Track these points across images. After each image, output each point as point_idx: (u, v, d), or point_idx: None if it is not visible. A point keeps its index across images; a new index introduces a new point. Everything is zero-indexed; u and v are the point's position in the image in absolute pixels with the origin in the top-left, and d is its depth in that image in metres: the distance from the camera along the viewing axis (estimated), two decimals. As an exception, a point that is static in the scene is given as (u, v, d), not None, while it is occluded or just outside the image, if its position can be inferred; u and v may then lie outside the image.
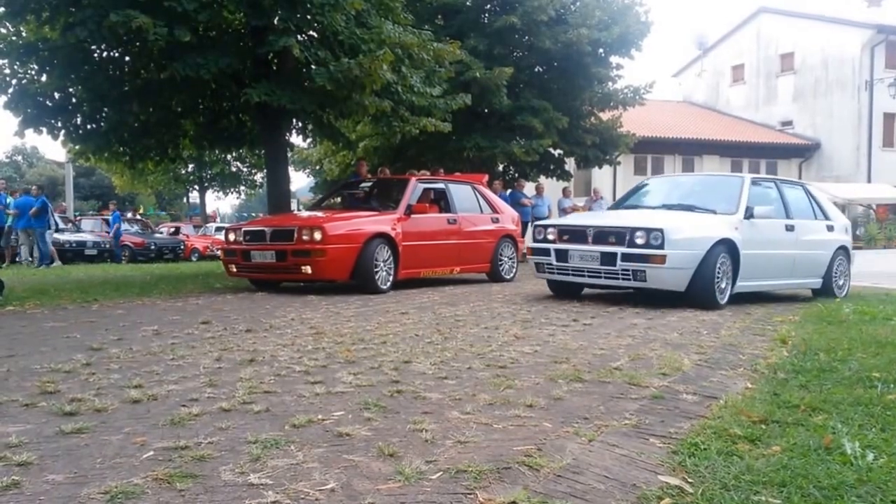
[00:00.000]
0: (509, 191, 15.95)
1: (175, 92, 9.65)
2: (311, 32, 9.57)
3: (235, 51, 9.16)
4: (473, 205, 9.74)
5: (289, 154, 13.12)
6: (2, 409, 2.67)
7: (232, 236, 8.32)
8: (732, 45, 33.66)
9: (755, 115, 32.20)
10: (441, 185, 9.56)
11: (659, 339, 4.68)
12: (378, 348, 4.13)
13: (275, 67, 9.84)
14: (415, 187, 8.82)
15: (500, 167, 17.66)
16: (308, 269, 7.44)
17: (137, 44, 8.90)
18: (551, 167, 18.13)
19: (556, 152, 17.87)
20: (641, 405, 2.88)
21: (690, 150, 28.18)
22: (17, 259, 16.34)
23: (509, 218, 10.33)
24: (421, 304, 6.69)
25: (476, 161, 15.71)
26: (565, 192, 16.58)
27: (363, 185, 10.20)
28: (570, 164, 19.05)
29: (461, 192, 9.67)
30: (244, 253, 7.93)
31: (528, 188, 16.80)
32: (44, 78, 9.66)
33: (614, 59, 17.50)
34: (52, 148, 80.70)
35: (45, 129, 9.95)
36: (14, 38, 9.55)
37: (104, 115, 10.13)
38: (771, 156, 29.53)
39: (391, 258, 8.00)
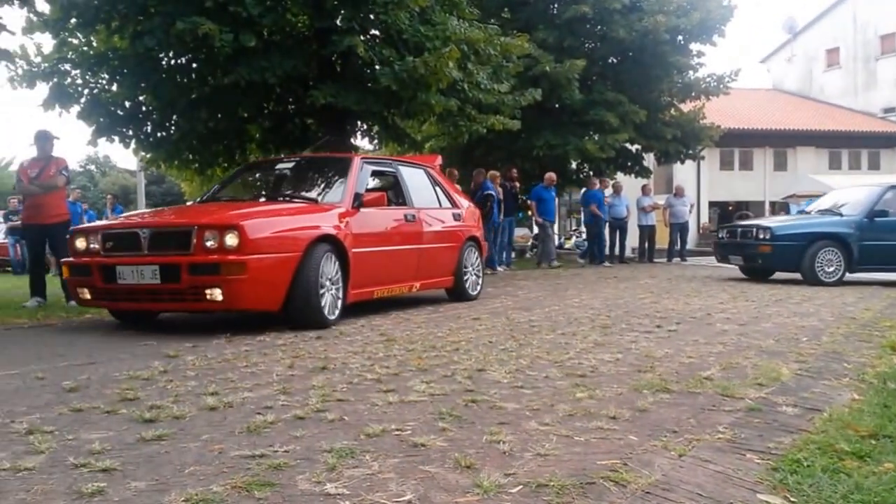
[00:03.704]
0: (583, 189, 15.69)
1: (241, 97, 9.83)
2: (374, 32, 9.61)
3: (300, 53, 9.26)
4: (430, 195, 7.42)
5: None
6: (84, 416, 2.72)
7: (83, 243, 5.43)
8: (826, 27, 32.05)
9: (853, 103, 30.63)
10: (390, 168, 7.15)
11: (753, 346, 4.45)
12: (450, 356, 4.07)
13: (339, 69, 9.92)
14: (360, 168, 6.39)
15: (574, 165, 17.39)
16: (217, 295, 4.85)
17: (204, 50, 9.10)
18: (629, 164, 17.75)
19: (634, 148, 17.49)
20: (736, 418, 2.71)
21: (782, 142, 27.17)
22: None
23: (471, 214, 8.15)
24: (493, 310, 6.61)
25: (547, 159, 15.51)
26: (645, 189, 16.16)
27: (279, 165, 7.53)
28: (649, 160, 18.61)
29: (415, 179, 7.32)
30: (104, 269, 5.18)
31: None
32: (115, 87, 10.04)
33: (695, 47, 16.99)
34: (123, 156, 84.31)
35: (116, 138, 10.36)
36: (85, 48, 9.92)
37: (174, 122, 10.45)
38: (873, 145, 28.13)
39: (339, 273, 5.58)
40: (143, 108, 10.38)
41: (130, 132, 10.45)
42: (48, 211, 6.98)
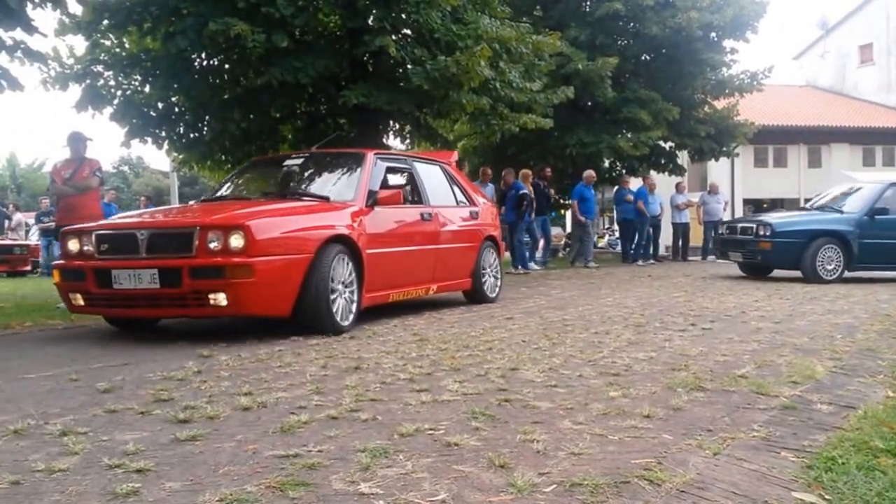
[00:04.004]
0: (616, 188, 15.59)
1: (273, 97, 9.86)
2: (406, 31, 9.61)
3: (332, 53, 9.28)
4: (446, 193, 7.10)
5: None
6: (119, 417, 2.74)
7: (76, 244, 5.05)
8: (859, 23, 31.46)
9: (887, 99, 30.04)
10: (405, 164, 6.78)
11: (788, 344, 4.40)
12: (483, 355, 4.06)
13: (370, 69, 9.94)
14: (374, 164, 6.04)
15: (606, 163, 17.28)
16: (221, 300, 4.54)
17: (236, 51, 9.15)
18: (662, 161, 17.60)
19: (667, 145, 17.34)
20: (771, 416, 2.68)
21: (816, 139, 26.77)
22: None
23: (489, 212, 7.80)
24: (527, 309, 6.59)
25: (579, 158, 15.43)
26: (678, 187, 16.01)
27: (288, 162, 6.94)
28: (682, 158, 18.43)
29: (431, 175, 6.98)
30: (99, 273, 4.80)
31: (636, 184, 16.34)
32: (147, 88, 10.10)
33: (728, 43, 16.82)
34: (156, 157, 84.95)
35: (149, 140, 10.43)
36: (117, 49, 10.01)
37: (206, 123, 10.49)
38: (907, 142, 27.56)
39: (353, 275, 5.31)
40: (176, 109, 10.46)
41: (163, 133, 10.55)
42: (82, 212, 6.95)
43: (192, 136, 10.69)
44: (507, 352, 4.15)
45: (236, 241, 4.52)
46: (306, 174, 6.48)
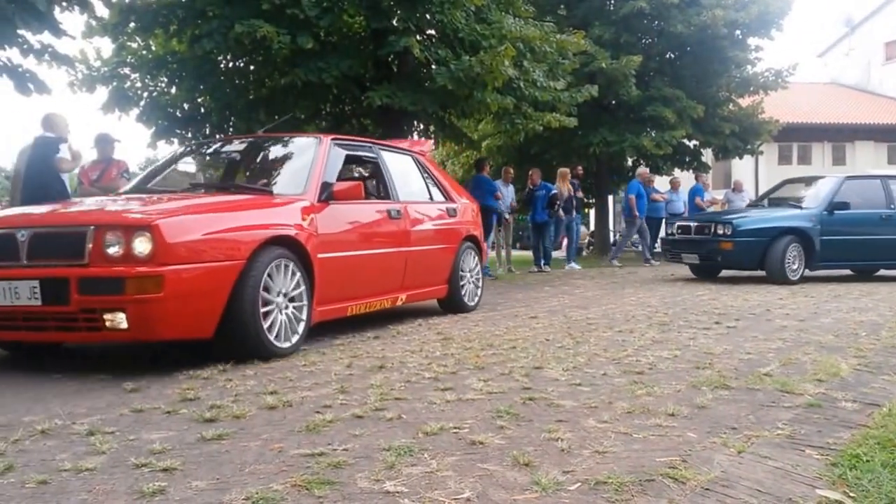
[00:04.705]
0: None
1: (298, 98, 9.94)
2: (430, 31, 9.64)
3: (356, 54, 9.34)
4: (419, 187, 6.25)
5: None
6: (145, 417, 2.76)
7: None
8: (884, 20, 31.03)
9: (913, 96, 29.60)
10: (370, 153, 5.80)
11: (813, 342, 4.36)
12: (507, 353, 4.07)
13: (395, 69, 9.97)
14: (329, 152, 5.05)
15: (630, 161, 17.22)
16: (120, 321, 3.49)
17: (261, 52, 9.24)
18: (686, 160, 17.49)
19: (692, 143, 17.23)
20: (795, 414, 2.67)
21: (841, 136, 26.44)
22: None
23: (469, 210, 6.84)
24: (551, 308, 6.58)
25: (604, 156, 15.35)
26: (703, 185, 15.89)
27: (227, 147, 6.03)
28: (707, 156, 18.30)
29: (400, 167, 6.09)
30: None
31: (661, 182, 16.23)
32: (173, 90, 10.24)
33: (752, 41, 16.70)
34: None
35: (176, 141, 10.58)
36: (144, 52, 10.15)
37: (232, 124, 10.60)
38: (932, 140, 27.16)
39: (302, 286, 4.31)
40: (202, 111, 10.59)
41: (189, 134, 10.67)
42: None
43: (217, 137, 10.78)
44: (532, 350, 4.16)
45: (141, 244, 3.50)
46: (248, 162, 5.60)
